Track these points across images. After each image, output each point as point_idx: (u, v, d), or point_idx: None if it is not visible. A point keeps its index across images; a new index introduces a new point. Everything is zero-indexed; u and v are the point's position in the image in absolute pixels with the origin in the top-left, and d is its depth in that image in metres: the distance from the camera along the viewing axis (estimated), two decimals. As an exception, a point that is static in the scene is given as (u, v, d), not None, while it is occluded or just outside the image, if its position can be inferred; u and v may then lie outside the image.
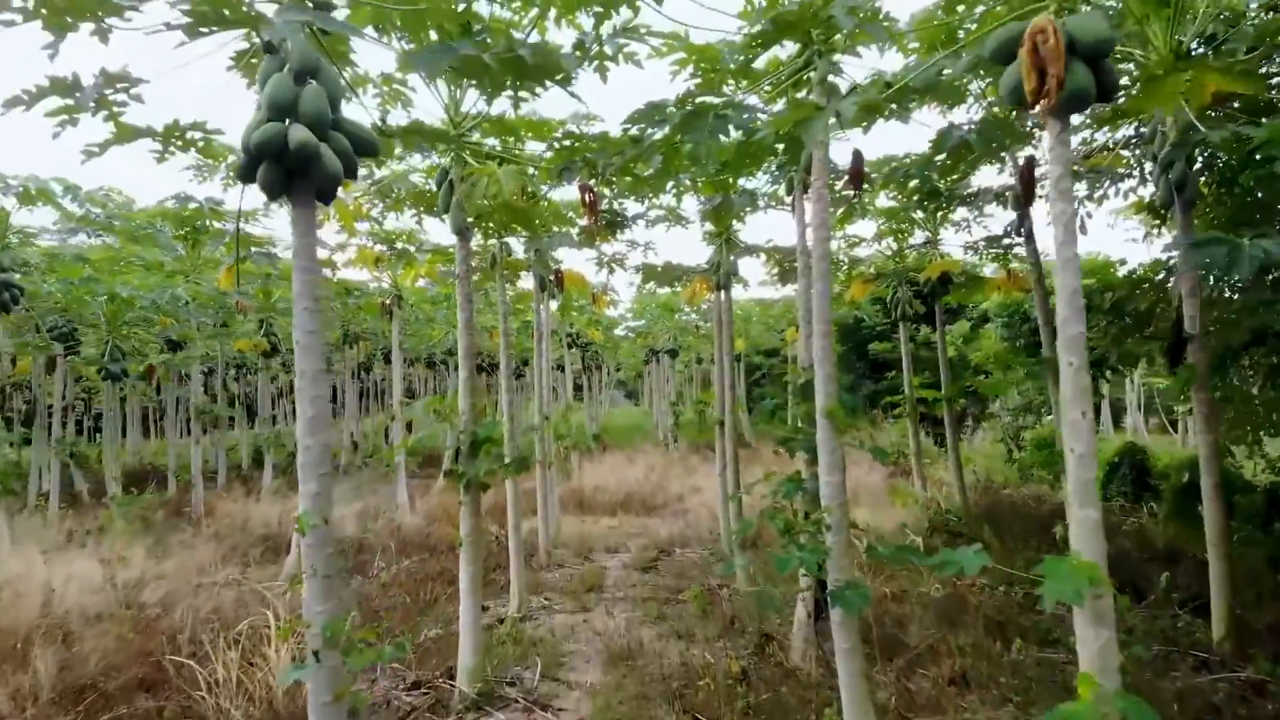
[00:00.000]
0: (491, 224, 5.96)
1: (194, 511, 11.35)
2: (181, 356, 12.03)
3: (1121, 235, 34.79)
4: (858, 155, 4.38)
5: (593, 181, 5.32)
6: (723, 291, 7.77)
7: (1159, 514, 9.26)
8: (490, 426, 4.73)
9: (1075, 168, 7.84)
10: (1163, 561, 7.86)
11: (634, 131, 4.21)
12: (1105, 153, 7.70)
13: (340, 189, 5.30)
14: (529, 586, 7.52)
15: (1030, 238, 7.34)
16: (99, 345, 10.81)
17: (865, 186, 6.32)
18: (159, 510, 11.51)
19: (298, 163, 2.75)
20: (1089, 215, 8.31)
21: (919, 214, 9.12)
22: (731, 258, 7.42)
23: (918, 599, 6.68)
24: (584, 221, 5.87)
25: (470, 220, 5.65)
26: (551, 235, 6.70)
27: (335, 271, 10.73)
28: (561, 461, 16.17)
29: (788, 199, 8.03)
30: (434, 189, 5.67)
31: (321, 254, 9.92)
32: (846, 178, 5.15)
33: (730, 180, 5.84)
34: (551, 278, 9.01)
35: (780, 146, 4.94)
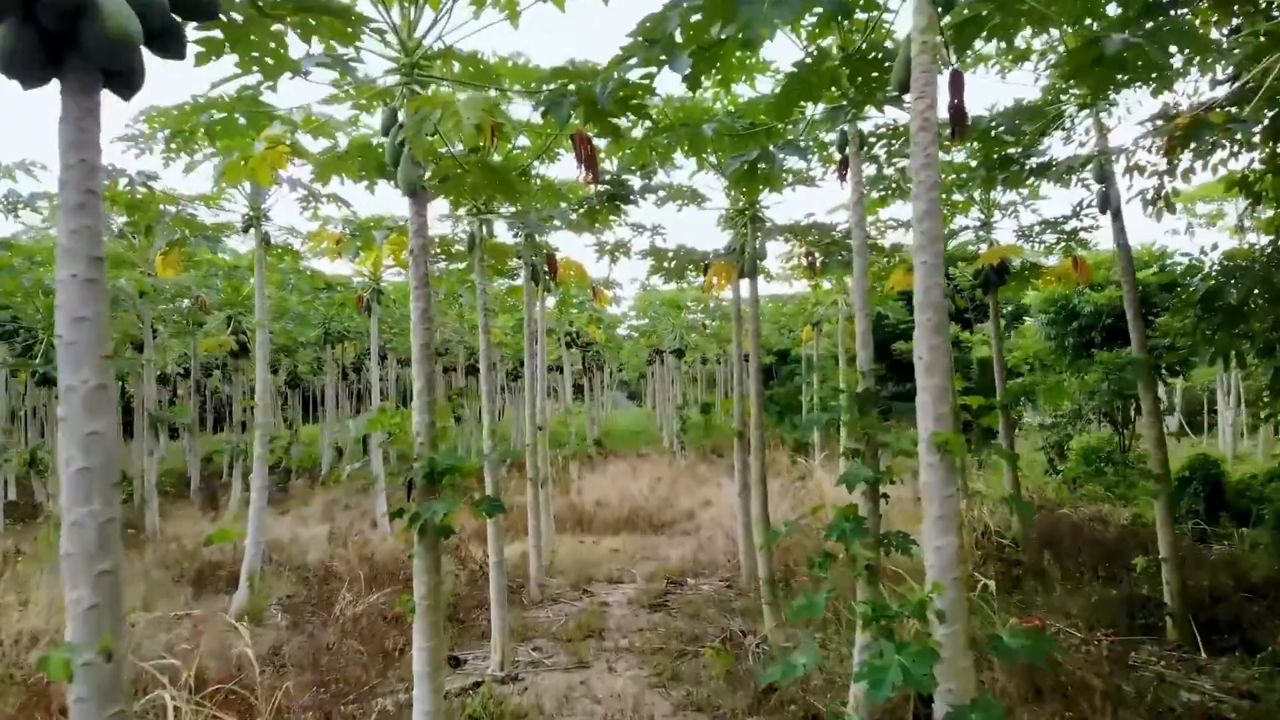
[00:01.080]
0: (463, 192, 4.72)
1: (146, 532, 10.14)
2: (132, 357, 10.81)
3: (1164, 226, 32.98)
4: (957, 79, 3.14)
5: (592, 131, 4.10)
6: (747, 280, 6.54)
7: (1249, 540, 8.03)
8: (454, 454, 3.52)
9: (1151, 135, 6.62)
10: (1271, 600, 6.63)
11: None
12: (1198, 112, 6.45)
13: (265, 140, 4.08)
14: (516, 631, 6.31)
15: (1118, 215, 6.10)
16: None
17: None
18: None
19: (56, 16, 1.54)
20: (1175, 191, 7.10)
21: (959, 195, 7.91)
22: (758, 239, 6.19)
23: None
24: (581, 181, 4.64)
25: (433, 181, 4.42)
26: (540, 210, 5.47)
27: (298, 260, 9.49)
28: (561, 471, 14.96)
29: (822, 176, 6.80)
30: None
31: (282, 239, 8.67)
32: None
33: (768, 134, 4.59)
34: (544, 267, 7.80)
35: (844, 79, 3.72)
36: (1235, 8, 4.84)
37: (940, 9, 2.70)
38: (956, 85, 3.15)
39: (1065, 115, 6.74)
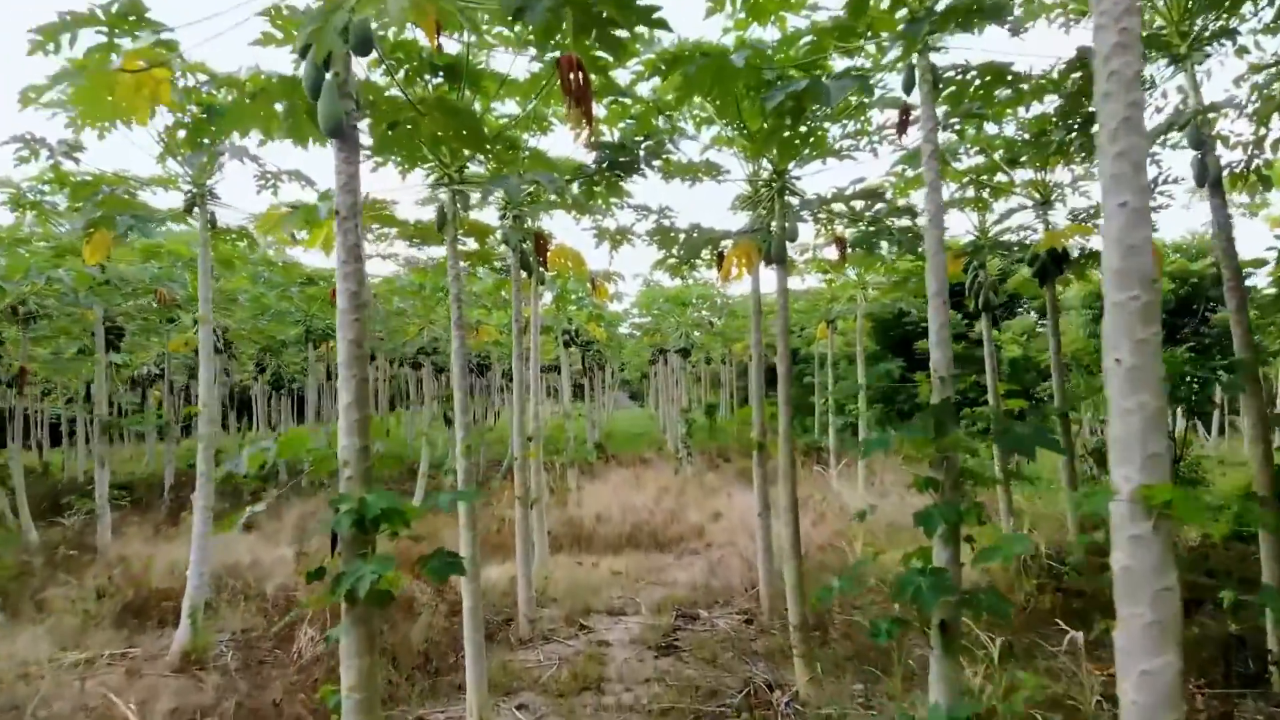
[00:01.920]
0: (418, 145, 3.73)
1: (99, 550, 9.15)
2: (72, 357, 9.83)
3: (1198, 217, 31.87)
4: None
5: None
6: (769, 267, 5.53)
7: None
8: (390, 494, 2.54)
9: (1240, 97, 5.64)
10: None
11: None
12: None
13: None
14: (499, 683, 5.31)
15: (1217, 187, 5.09)
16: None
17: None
18: (59, 546, 9.35)
19: None
20: (1265, 164, 6.11)
21: (1002, 175, 6.93)
22: (787, 217, 5.19)
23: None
24: (569, 123, 3.63)
25: (380, 129, 3.45)
26: (523, 176, 4.47)
27: (255, 245, 8.48)
28: (558, 480, 13.96)
29: (860, 146, 5.77)
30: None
31: (238, 220, 7.68)
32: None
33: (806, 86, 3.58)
34: (533, 255, 6.81)
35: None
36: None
37: None
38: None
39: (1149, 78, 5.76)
